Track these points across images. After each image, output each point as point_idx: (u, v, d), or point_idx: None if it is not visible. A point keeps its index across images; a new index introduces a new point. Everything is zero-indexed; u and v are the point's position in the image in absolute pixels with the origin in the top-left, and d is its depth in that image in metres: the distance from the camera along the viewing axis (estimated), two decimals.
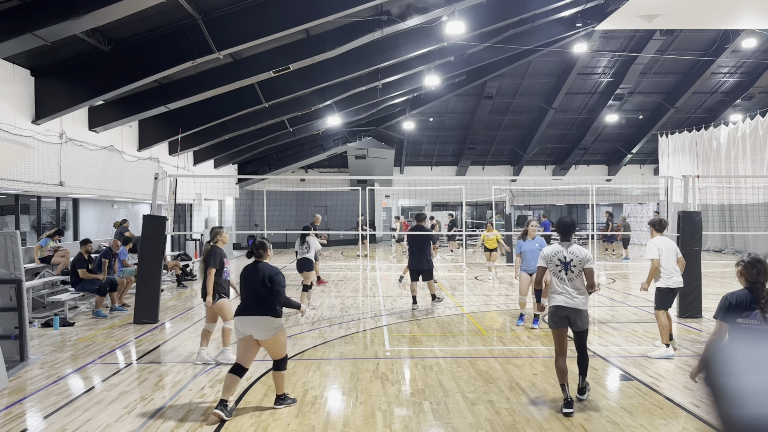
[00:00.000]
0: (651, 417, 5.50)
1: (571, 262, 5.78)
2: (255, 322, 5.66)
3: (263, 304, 5.69)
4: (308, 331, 9.57)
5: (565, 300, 5.73)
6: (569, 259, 5.79)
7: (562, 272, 5.81)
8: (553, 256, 5.88)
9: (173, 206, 14.30)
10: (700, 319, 10.15)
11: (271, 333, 5.65)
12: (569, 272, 5.78)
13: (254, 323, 5.66)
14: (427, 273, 11.31)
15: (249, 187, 29.70)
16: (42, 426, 5.43)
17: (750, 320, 4.13)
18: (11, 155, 8.37)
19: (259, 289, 5.71)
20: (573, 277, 5.76)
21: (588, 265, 5.80)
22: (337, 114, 21.95)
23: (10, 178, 10.70)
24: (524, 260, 9.71)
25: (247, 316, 5.71)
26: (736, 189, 22.67)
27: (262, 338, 5.68)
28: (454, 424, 5.38)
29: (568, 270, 5.78)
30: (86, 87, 11.92)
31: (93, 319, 10.81)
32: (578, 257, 5.78)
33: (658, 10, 15.75)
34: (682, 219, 10.53)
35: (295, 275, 13.22)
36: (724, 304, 4.30)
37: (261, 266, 5.84)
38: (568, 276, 5.78)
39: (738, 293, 4.29)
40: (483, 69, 23.01)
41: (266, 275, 5.73)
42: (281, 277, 5.79)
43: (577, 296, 5.72)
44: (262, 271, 5.77)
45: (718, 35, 22.78)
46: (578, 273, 5.77)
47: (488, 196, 21.38)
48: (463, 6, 14.03)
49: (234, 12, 11.34)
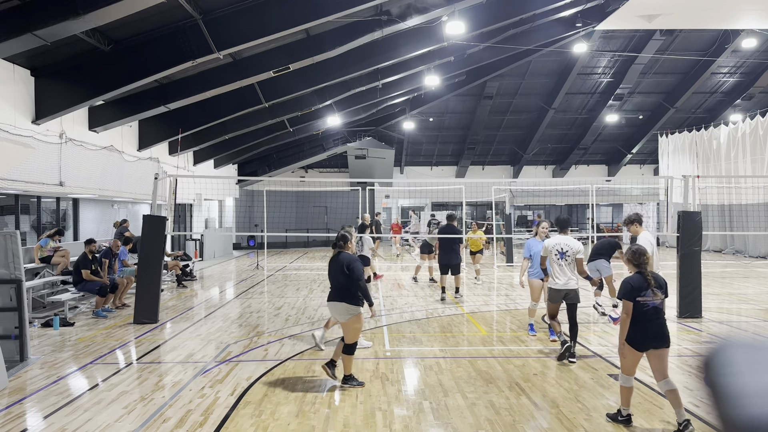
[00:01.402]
0: (651, 417, 5.50)
1: (566, 252, 7.27)
2: (335, 307, 6.48)
3: (343, 290, 6.41)
4: (308, 330, 9.57)
5: (565, 283, 7.31)
6: (565, 249, 7.30)
7: (561, 260, 7.30)
8: (553, 247, 7.35)
9: (173, 206, 14.30)
10: (700, 319, 10.15)
11: (346, 317, 6.34)
12: (565, 260, 7.30)
13: (335, 308, 6.49)
14: (455, 267, 12.35)
15: (249, 187, 29.69)
16: (42, 426, 5.43)
17: (645, 297, 5.06)
18: (11, 155, 8.38)
19: (339, 277, 6.42)
20: (568, 264, 7.31)
21: (579, 256, 7.32)
22: (337, 114, 21.95)
23: (10, 178, 10.70)
24: (534, 265, 8.77)
25: (330, 302, 6.56)
26: (736, 189, 22.67)
27: (341, 321, 6.46)
28: (454, 424, 5.38)
29: (564, 258, 7.30)
30: (86, 87, 11.92)
31: (93, 319, 10.81)
32: (572, 249, 7.31)
33: (658, 10, 15.76)
34: (682, 219, 10.52)
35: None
36: (627, 287, 5.12)
37: (342, 256, 6.52)
38: (566, 263, 7.31)
39: (634, 277, 5.17)
40: (483, 69, 23.00)
41: (345, 264, 6.39)
42: (358, 264, 6.46)
43: (572, 278, 7.36)
44: (342, 261, 6.44)
45: (718, 35, 22.77)
46: (571, 261, 7.31)
47: (488, 196, 21.38)
48: (463, 6, 14.03)
49: (234, 12, 11.34)
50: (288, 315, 11.02)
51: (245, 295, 13.88)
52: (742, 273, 17.30)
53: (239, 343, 8.69)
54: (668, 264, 20.15)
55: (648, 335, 5.05)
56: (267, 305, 12.29)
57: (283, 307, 11.87)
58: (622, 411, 5.36)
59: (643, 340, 5.05)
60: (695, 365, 2.63)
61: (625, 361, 5.19)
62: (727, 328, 9.61)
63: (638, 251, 5.26)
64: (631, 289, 5.04)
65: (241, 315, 11.15)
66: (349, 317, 6.31)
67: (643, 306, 5.02)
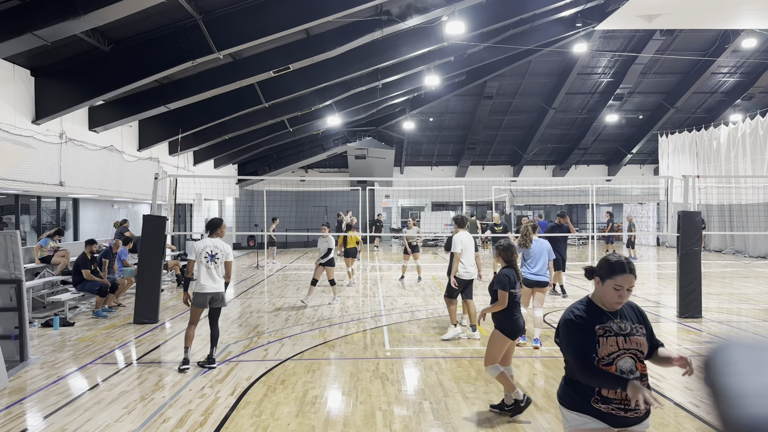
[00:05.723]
0: (651, 417, 5.50)
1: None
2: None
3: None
4: (308, 330, 9.57)
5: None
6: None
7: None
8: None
9: (173, 206, 14.30)
10: (700, 319, 10.14)
11: None
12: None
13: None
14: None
15: (249, 187, 29.69)
16: (42, 426, 5.43)
17: (516, 289, 5.60)
18: (11, 155, 8.38)
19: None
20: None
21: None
22: (337, 114, 21.94)
23: (10, 178, 10.70)
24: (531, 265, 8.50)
25: None
26: (736, 189, 22.67)
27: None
28: (454, 424, 5.38)
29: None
30: (86, 87, 11.92)
31: (93, 319, 10.81)
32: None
33: (658, 10, 15.75)
34: (682, 219, 10.51)
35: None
36: (504, 280, 5.58)
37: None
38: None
39: (507, 271, 5.68)
40: (483, 69, 23.00)
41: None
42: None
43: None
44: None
45: (718, 35, 22.77)
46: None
47: (488, 196, 21.38)
48: (463, 6, 14.02)
49: (234, 12, 11.34)
50: (288, 315, 11.02)
51: (245, 295, 13.88)
52: (742, 273, 17.30)
53: (239, 343, 8.69)
54: (668, 264, 20.18)
55: (519, 325, 5.60)
56: (267, 305, 12.29)
57: (283, 307, 11.87)
58: (506, 399, 5.54)
59: (517, 329, 5.57)
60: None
61: (495, 351, 5.52)
62: (727, 328, 9.61)
63: (508, 247, 5.79)
64: (509, 282, 5.57)
65: (241, 315, 11.15)
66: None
67: (514, 297, 5.56)
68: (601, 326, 2.98)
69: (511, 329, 5.51)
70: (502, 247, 5.83)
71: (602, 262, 3.07)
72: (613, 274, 2.97)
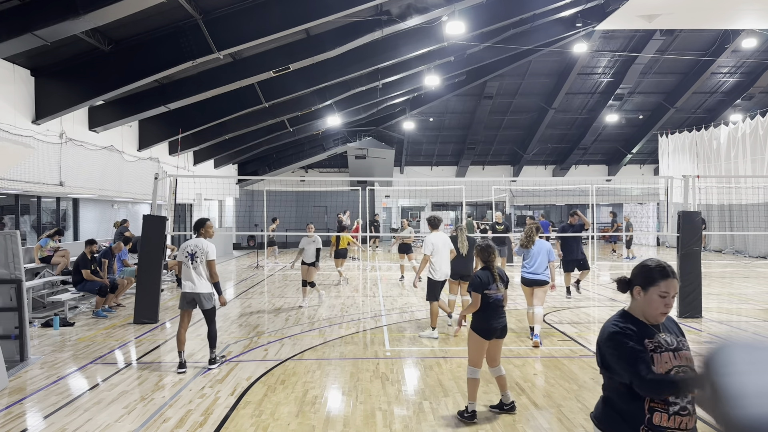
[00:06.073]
0: None
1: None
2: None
3: None
4: (308, 330, 9.57)
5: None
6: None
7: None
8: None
9: (173, 206, 14.29)
10: (700, 319, 10.15)
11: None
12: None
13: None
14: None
15: (249, 187, 29.69)
16: (42, 426, 5.43)
17: (491, 291, 5.52)
18: (11, 155, 8.38)
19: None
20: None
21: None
22: (337, 114, 21.94)
23: (10, 178, 10.70)
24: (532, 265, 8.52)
25: None
26: (736, 189, 22.67)
27: None
28: (454, 424, 5.38)
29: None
30: (86, 87, 11.92)
31: (93, 319, 10.81)
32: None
33: (658, 10, 15.75)
34: (682, 219, 10.51)
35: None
36: (476, 281, 5.54)
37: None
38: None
39: (481, 273, 5.62)
40: (483, 69, 22.99)
41: None
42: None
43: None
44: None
45: (718, 35, 22.76)
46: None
47: (488, 196, 21.37)
48: (463, 6, 14.02)
49: (234, 12, 11.34)
50: (288, 315, 11.03)
51: (245, 295, 13.87)
52: (742, 273, 17.30)
53: (239, 343, 8.70)
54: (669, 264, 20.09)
55: (495, 326, 5.51)
56: (267, 305, 12.29)
57: (283, 307, 11.87)
58: (469, 407, 5.50)
59: (491, 330, 5.49)
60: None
61: (473, 350, 5.52)
62: (727, 328, 9.61)
63: (486, 248, 5.78)
64: (480, 283, 5.52)
65: (241, 315, 11.15)
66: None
67: (489, 298, 5.50)
68: (650, 341, 2.62)
69: (483, 329, 5.47)
70: (480, 248, 5.79)
71: (640, 269, 2.75)
72: (657, 281, 2.65)
